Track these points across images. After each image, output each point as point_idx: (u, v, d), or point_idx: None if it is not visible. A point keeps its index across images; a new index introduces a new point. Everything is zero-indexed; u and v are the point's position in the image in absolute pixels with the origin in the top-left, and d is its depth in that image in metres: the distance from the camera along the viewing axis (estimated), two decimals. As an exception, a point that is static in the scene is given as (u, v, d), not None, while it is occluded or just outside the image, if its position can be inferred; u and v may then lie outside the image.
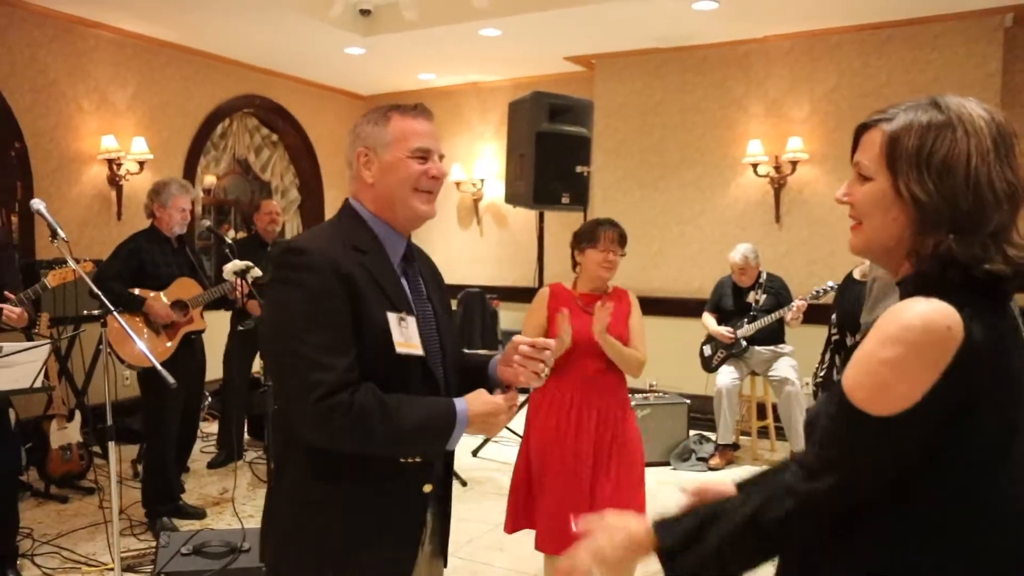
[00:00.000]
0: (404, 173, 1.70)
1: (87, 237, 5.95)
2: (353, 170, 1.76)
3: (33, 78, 5.61)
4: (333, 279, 1.57)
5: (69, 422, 4.83)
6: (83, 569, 3.76)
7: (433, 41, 6.40)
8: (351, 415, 1.52)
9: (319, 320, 1.55)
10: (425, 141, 1.73)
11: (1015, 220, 1.17)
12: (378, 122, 1.73)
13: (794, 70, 6.27)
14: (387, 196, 1.73)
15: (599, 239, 3.04)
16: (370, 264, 1.66)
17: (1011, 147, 1.17)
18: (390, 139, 1.71)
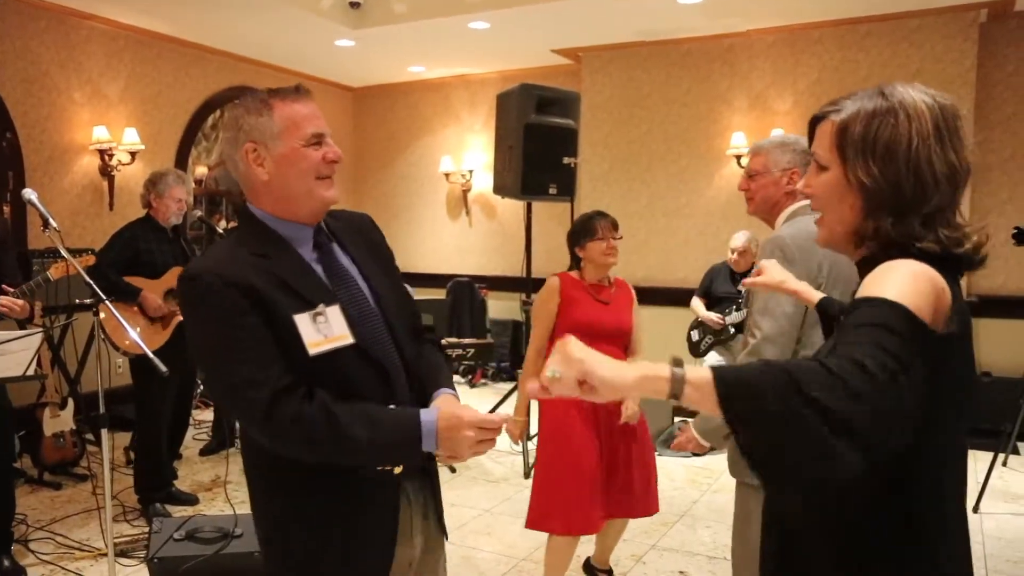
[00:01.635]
0: (304, 164, 1.58)
1: (79, 227, 5.99)
2: (240, 170, 1.61)
3: (25, 69, 5.64)
4: (236, 295, 1.48)
5: (62, 410, 4.89)
6: (76, 555, 3.80)
7: (422, 34, 6.45)
8: (301, 429, 1.45)
9: (235, 341, 1.48)
10: (316, 125, 1.61)
11: (956, 201, 1.21)
12: (261, 112, 1.58)
13: (777, 64, 6.35)
14: (286, 190, 1.59)
15: (597, 230, 3.16)
16: (276, 268, 1.55)
17: (954, 130, 1.19)
18: (279, 129, 1.57)
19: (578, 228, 3.24)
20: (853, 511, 1.20)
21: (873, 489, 1.16)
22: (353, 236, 1.75)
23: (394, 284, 1.77)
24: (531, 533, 3.48)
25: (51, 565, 3.70)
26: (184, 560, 3.29)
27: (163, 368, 2.80)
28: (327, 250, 1.67)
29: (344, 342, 1.54)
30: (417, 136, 8.43)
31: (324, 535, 1.59)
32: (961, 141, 1.20)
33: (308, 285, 1.57)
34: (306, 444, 1.48)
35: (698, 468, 5.26)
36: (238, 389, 1.48)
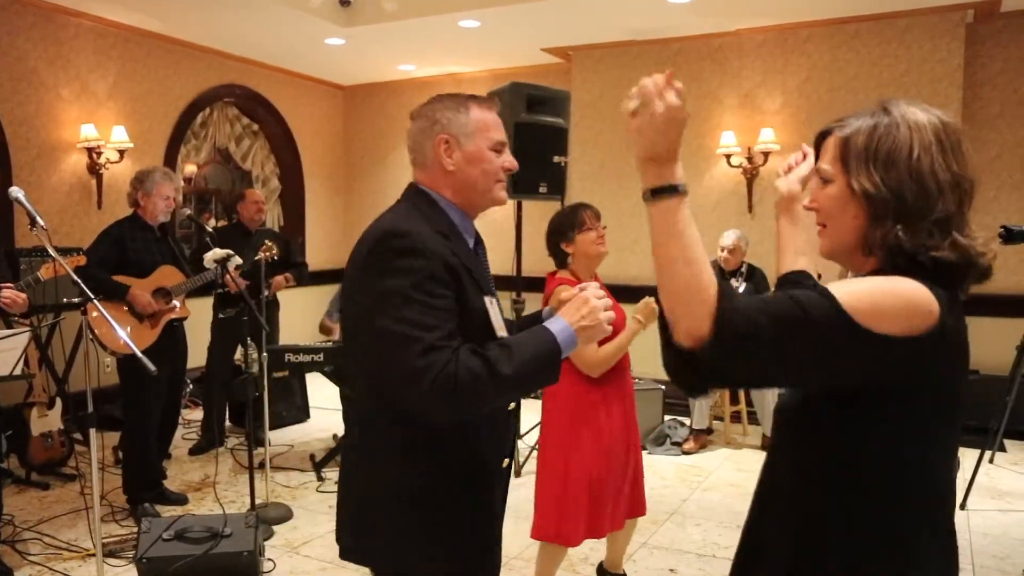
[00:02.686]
0: (488, 165, 1.73)
1: (67, 225, 5.96)
2: (427, 156, 1.75)
3: (12, 66, 5.61)
4: (439, 264, 1.57)
5: (50, 409, 4.87)
6: (64, 555, 3.79)
7: (412, 32, 6.44)
8: (464, 380, 1.49)
9: (423, 303, 1.53)
10: (501, 134, 1.76)
11: (963, 211, 1.22)
12: (459, 110, 1.73)
13: (767, 63, 6.37)
14: (468, 184, 1.73)
15: (584, 220, 3.02)
16: (456, 249, 1.66)
17: (956, 143, 1.23)
18: (472, 129, 1.72)
19: (563, 222, 3.07)
20: (808, 500, 1.26)
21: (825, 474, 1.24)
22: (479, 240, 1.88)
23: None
24: (521, 531, 3.49)
25: (39, 566, 3.68)
26: (173, 560, 3.29)
27: (152, 367, 2.79)
28: (480, 245, 1.83)
29: (503, 333, 1.66)
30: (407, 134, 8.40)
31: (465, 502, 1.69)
32: (964, 156, 1.22)
33: (482, 274, 1.71)
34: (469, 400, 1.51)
35: (688, 466, 5.28)
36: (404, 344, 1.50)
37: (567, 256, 3.06)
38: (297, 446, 5.61)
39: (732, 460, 5.39)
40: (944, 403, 1.22)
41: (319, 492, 4.71)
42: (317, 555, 3.85)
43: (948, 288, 1.19)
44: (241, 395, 5.60)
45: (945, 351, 1.19)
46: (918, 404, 1.19)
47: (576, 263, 3.06)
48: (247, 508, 4.01)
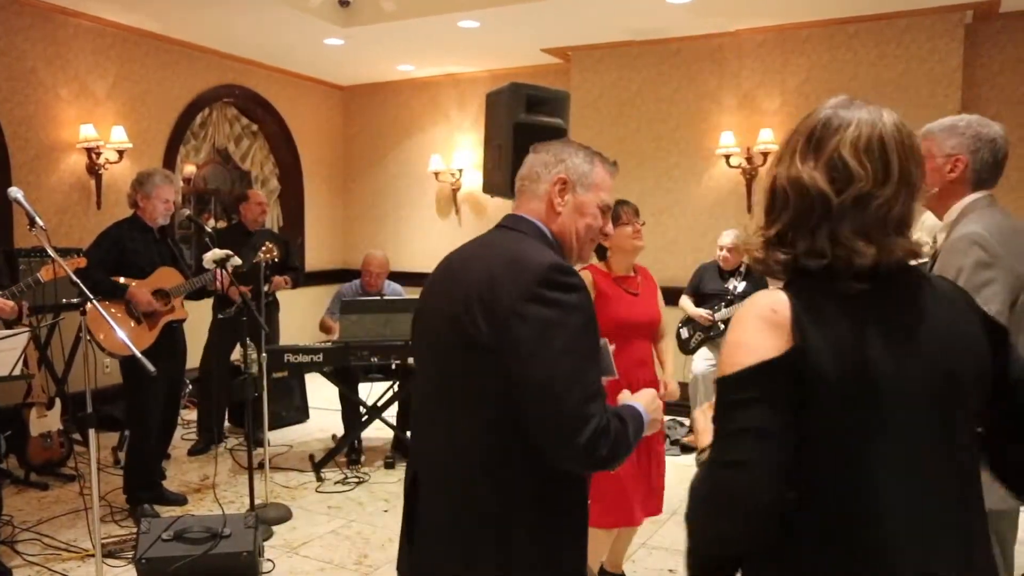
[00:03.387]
0: (592, 220, 1.77)
1: (66, 226, 5.95)
2: (540, 188, 1.77)
3: (10, 66, 5.60)
4: (591, 307, 1.58)
5: (49, 410, 4.87)
6: (64, 556, 3.79)
7: (412, 32, 6.44)
8: (611, 442, 1.49)
9: (591, 350, 1.53)
10: (611, 199, 1.82)
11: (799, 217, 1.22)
12: (587, 160, 1.78)
13: (766, 63, 6.37)
14: (568, 228, 1.76)
15: (621, 215, 3.09)
16: None
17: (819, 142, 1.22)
18: (591, 183, 1.77)
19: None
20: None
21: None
22: None
23: None
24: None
25: (38, 566, 3.68)
26: (172, 560, 3.30)
27: (151, 368, 2.79)
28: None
29: (611, 376, 1.72)
30: (406, 135, 8.42)
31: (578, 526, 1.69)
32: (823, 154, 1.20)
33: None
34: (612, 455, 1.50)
35: (687, 466, 5.28)
36: (576, 400, 1.46)
37: (605, 250, 3.14)
38: (296, 447, 5.61)
39: (731, 460, 5.40)
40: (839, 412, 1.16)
41: (318, 492, 4.71)
42: (316, 555, 3.85)
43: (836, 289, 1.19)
44: (240, 395, 5.60)
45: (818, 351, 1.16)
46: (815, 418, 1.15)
47: (613, 257, 3.15)
48: (246, 509, 4.01)
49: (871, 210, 1.19)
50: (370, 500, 4.60)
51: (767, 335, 1.17)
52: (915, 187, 1.22)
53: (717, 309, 5.51)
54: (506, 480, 1.59)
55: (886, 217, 1.19)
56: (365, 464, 5.19)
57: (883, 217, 1.19)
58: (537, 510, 1.61)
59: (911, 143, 1.22)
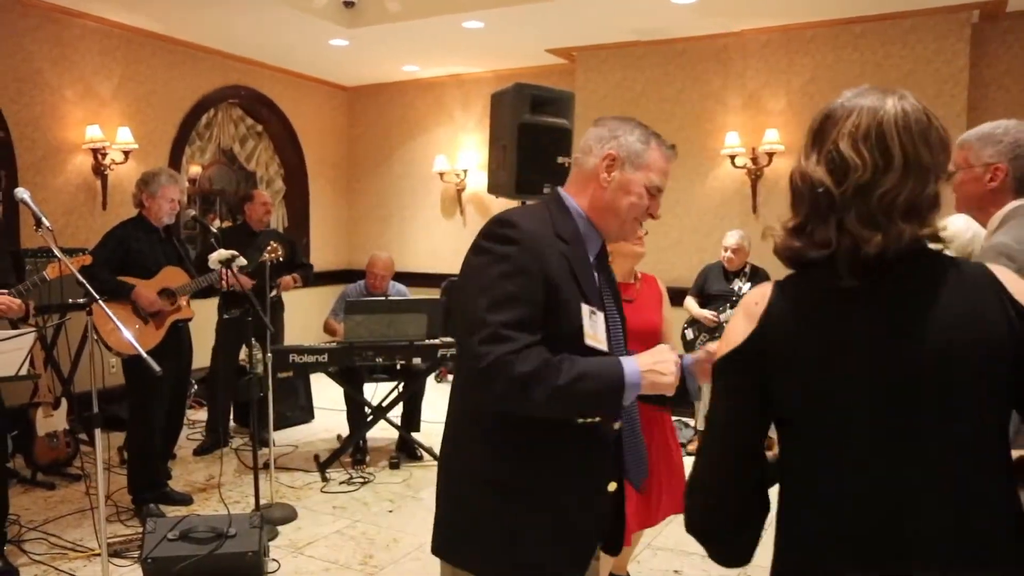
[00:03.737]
0: (636, 200, 1.75)
1: (72, 226, 5.97)
2: (589, 161, 1.77)
3: (17, 67, 5.62)
4: (533, 260, 1.61)
5: (55, 410, 4.88)
6: (70, 555, 3.80)
7: (416, 33, 6.45)
8: (516, 371, 1.51)
9: (510, 296, 1.58)
10: (663, 181, 1.79)
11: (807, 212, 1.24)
12: (640, 139, 1.76)
13: (771, 63, 6.37)
14: (611, 205, 1.75)
15: None
16: (570, 254, 1.69)
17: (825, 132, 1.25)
18: (643, 162, 1.75)
19: None
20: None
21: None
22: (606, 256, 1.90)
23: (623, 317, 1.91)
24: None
25: (44, 565, 3.69)
26: (178, 560, 3.30)
27: (156, 368, 2.79)
28: (604, 262, 1.85)
29: (601, 347, 1.67)
30: (411, 135, 8.42)
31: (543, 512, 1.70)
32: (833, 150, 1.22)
33: (590, 286, 1.72)
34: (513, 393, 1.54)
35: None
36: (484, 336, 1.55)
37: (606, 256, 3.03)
38: (301, 447, 5.62)
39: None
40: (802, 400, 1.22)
41: (323, 493, 4.71)
42: (321, 555, 3.85)
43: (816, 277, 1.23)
44: (245, 395, 5.61)
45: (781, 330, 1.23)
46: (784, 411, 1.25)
47: (615, 263, 2.97)
48: (251, 508, 4.01)
49: (874, 199, 1.18)
50: (375, 500, 4.60)
51: (743, 326, 1.25)
52: (928, 171, 1.20)
53: (722, 310, 5.50)
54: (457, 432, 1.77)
55: (892, 204, 1.18)
56: (370, 464, 5.20)
57: (889, 204, 1.18)
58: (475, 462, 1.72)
59: (921, 126, 1.20)
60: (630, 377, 1.58)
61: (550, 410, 1.58)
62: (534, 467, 1.68)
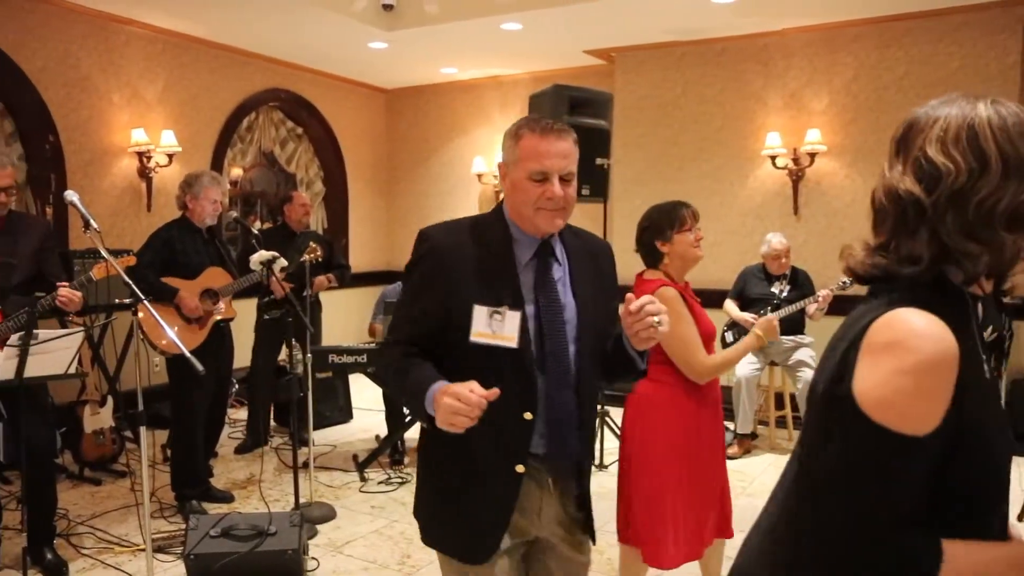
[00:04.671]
0: (524, 195, 1.80)
1: (118, 228, 6.09)
2: (500, 177, 1.92)
3: (66, 73, 5.75)
4: (436, 266, 1.82)
5: (102, 407, 4.98)
6: (116, 549, 3.88)
7: (455, 35, 6.47)
8: (382, 362, 1.88)
9: (414, 299, 1.86)
10: (544, 164, 1.76)
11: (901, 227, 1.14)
12: (512, 137, 1.84)
13: (813, 62, 6.27)
14: (515, 208, 1.85)
15: (685, 219, 2.80)
16: (489, 258, 1.82)
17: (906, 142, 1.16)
18: (516, 158, 1.81)
19: (661, 219, 2.81)
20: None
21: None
22: (584, 256, 1.95)
23: (601, 305, 1.94)
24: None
25: (91, 559, 3.77)
26: (220, 557, 3.34)
27: (199, 367, 2.83)
28: (544, 261, 1.87)
29: (506, 343, 1.74)
30: (449, 137, 8.45)
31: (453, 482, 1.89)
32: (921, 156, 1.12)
33: (505, 287, 1.80)
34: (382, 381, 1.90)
35: (732, 471, 5.20)
36: (393, 325, 1.91)
37: (661, 256, 2.82)
38: (340, 446, 5.67)
39: (776, 465, 5.31)
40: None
41: (362, 492, 4.74)
42: (360, 555, 3.88)
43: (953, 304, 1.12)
44: (285, 395, 5.68)
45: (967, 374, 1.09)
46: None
47: (671, 264, 2.82)
48: (291, 507, 4.06)
49: (972, 206, 1.07)
50: (413, 501, 4.62)
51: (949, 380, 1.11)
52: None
53: (763, 313, 5.43)
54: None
55: (992, 212, 1.07)
56: (408, 465, 5.22)
57: (988, 212, 1.07)
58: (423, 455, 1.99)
59: (1021, 128, 1.09)
60: (429, 399, 1.69)
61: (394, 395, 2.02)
62: (446, 451, 1.85)
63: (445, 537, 1.90)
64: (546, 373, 1.80)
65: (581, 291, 1.88)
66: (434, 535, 1.93)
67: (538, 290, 1.82)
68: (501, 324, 1.74)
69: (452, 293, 1.78)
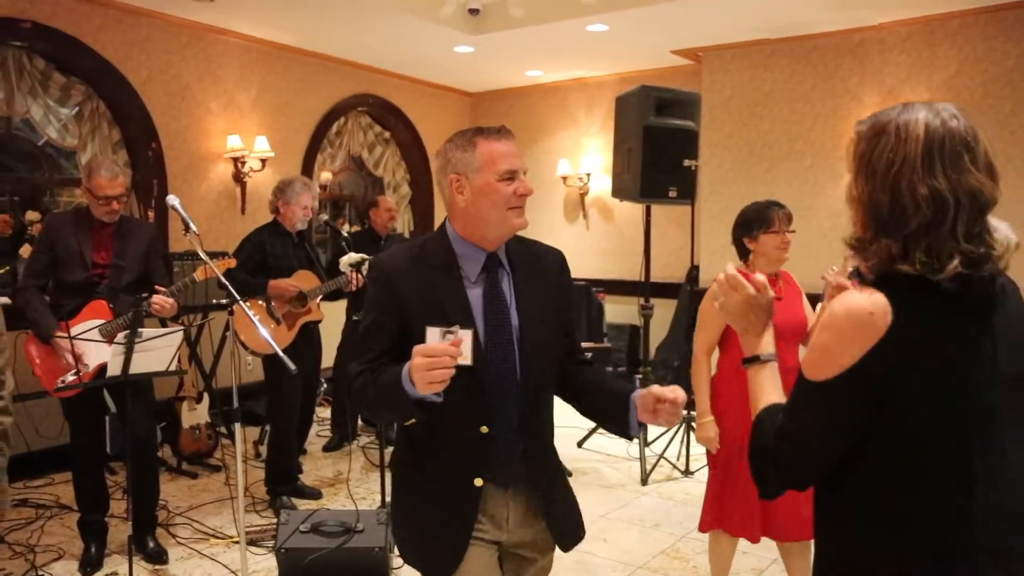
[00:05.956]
0: (496, 196, 1.84)
1: (214, 231, 6.31)
2: (446, 195, 1.91)
3: (168, 83, 6.00)
4: (386, 293, 1.87)
5: (198, 404, 5.17)
6: (211, 541, 4.02)
7: (540, 38, 6.47)
8: (352, 390, 1.87)
9: (374, 325, 1.89)
10: (511, 163, 1.85)
11: (945, 226, 1.23)
12: (466, 148, 1.86)
13: (912, 57, 6.02)
14: (480, 217, 1.86)
15: (774, 220, 2.94)
16: (436, 279, 1.86)
17: (954, 156, 1.24)
18: (479, 164, 1.84)
19: (751, 217, 2.99)
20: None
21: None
22: (530, 266, 1.98)
23: (548, 319, 1.96)
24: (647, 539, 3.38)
25: (188, 548, 3.92)
26: (309, 552, 3.42)
27: (292, 366, 2.90)
28: (493, 275, 1.91)
29: (461, 361, 1.70)
30: (534, 140, 8.46)
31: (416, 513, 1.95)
32: (961, 168, 1.24)
33: (455, 307, 1.84)
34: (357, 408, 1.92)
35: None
36: (353, 371, 1.90)
37: (748, 252, 3.01)
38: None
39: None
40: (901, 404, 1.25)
41: (446, 492, 4.77)
42: (444, 554, 3.90)
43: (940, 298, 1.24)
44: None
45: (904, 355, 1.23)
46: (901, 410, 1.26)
47: (756, 262, 2.99)
48: (378, 505, 4.12)
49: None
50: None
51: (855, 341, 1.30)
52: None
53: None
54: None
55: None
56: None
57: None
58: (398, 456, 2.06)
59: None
60: (404, 376, 1.67)
61: (372, 414, 2.05)
62: (411, 467, 1.94)
63: (414, 552, 1.94)
64: (496, 389, 1.85)
65: (525, 306, 1.90)
66: (406, 552, 1.97)
67: (486, 307, 1.86)
68: (465, 345, 1.73)
69: (404, 315, 1.83)
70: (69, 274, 3.70)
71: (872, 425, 1.26)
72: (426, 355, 1.61)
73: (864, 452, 1.28)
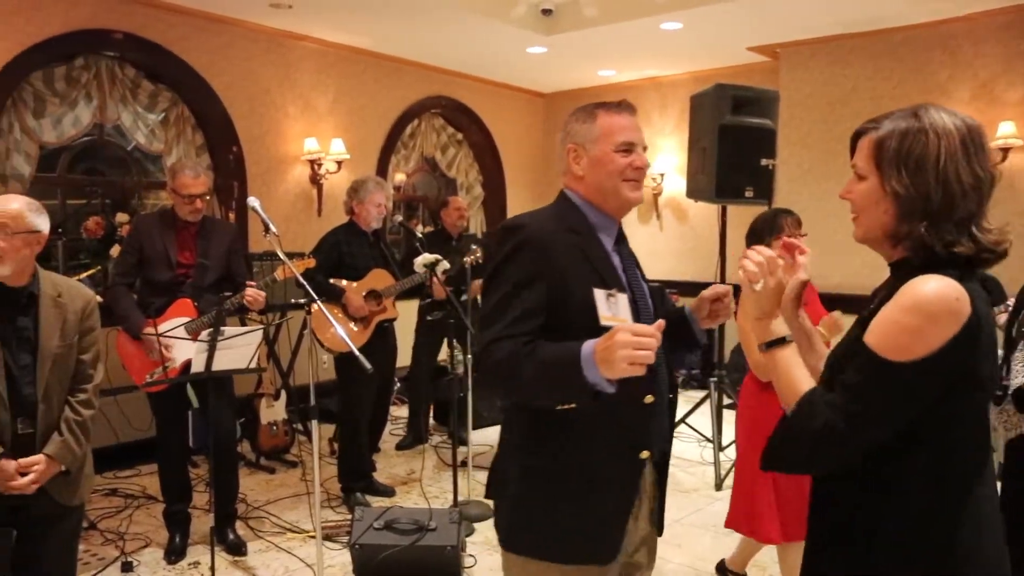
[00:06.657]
0: (611, 166, 1.84)
1: (291, 232, 6.45)
2: (564, 164, 1.92)
3: (248, 88, 6.17)
4: (542, 257, 1.75)
5: (276, 401, 5.29)
6: (288, 535, 4.11)
7: (613, 37, 6.42)
8: (492, 361, 1.68)
9: (514, 294, 1.73)
10: (628, 135, 1.86)
11: (982, 208, 1.39)
12: (585, 120, 1.88)
13: (1008, 48, 5.74)
14: (597, 186, 1.87)
15: (784, 227, 3.05)
16: (584, 244, 1.82)
17: (980, 146, 1.38)
18: (597, 135, 1.86)
19: (761, 226, 3.11)
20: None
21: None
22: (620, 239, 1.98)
23: (655, 293, 1.99)
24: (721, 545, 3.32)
25: (266, 542, 4.01)
26: (383, 548, 3.46)
27: (367, 365, 2.94)
28: (624, 244, 1.95)
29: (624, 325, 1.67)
30: (606, 140, 8.39)
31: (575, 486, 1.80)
32: (987, 155, 1.39)
33: (607, 269, 1.83)
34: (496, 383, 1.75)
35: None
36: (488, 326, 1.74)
37: None
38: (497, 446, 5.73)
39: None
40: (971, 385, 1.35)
41: (517, 493, 4.77)
42: (515, 555, 3.89)
43: (968, 275, 1.36)
44: (445, 395, 5.82)
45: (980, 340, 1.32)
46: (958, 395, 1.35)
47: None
48: (450, 504, 4.14)
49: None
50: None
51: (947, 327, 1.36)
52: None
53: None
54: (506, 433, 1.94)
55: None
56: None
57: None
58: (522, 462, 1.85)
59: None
60: (586, 355, 1.57)
61: (522, 393, 1.72)
62: (566, 448, 1.77)
63: (562, 543, 1.78)
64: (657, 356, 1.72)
65: (642, 274, 1.96)
66: (548, 546, 1.79)
67: (628, 274, 1.88)
68: (616, 307, 1.71)
69: (560, 281, 1.73)
70: (155, 273, 3.83)
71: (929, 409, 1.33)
72: (636, 333, 1.50)
73: (912, 436, 1.34)
